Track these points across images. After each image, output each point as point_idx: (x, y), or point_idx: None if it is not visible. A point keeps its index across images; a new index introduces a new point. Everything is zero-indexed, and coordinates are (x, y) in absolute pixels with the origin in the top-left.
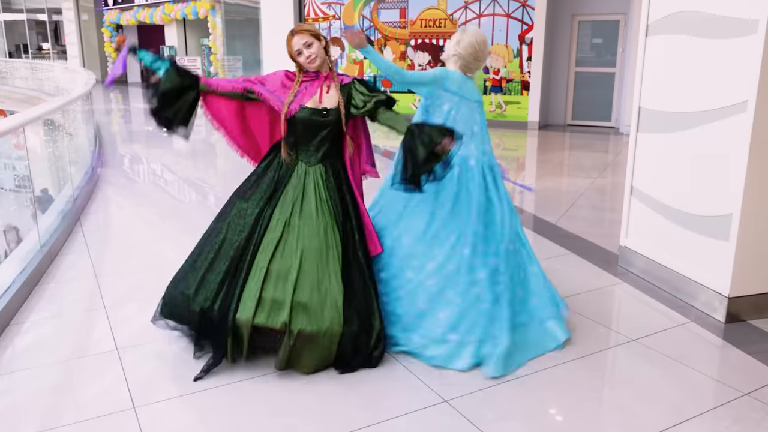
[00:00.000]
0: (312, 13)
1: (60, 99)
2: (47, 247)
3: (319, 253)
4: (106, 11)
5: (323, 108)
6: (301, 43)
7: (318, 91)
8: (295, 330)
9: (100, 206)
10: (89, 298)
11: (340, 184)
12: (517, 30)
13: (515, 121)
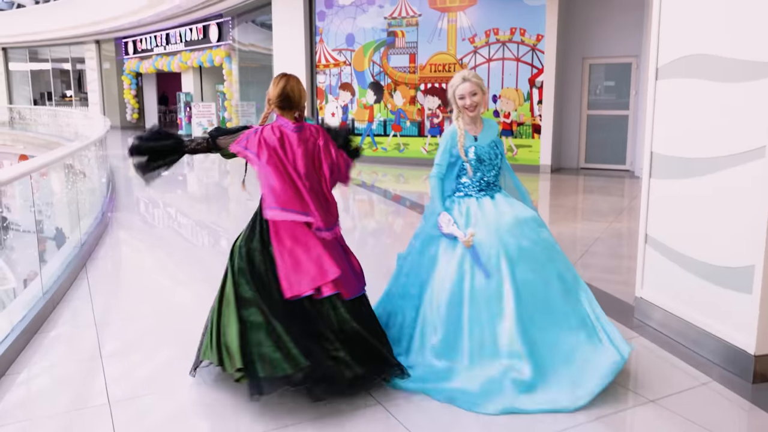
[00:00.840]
0: (323, 59)
1: (65, 148)
2: (50, 294)
3: None
4: (126, 60)
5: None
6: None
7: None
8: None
9: (108, 251)
10: (89, 347)
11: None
12: (527, 74)
13: (527, 164)
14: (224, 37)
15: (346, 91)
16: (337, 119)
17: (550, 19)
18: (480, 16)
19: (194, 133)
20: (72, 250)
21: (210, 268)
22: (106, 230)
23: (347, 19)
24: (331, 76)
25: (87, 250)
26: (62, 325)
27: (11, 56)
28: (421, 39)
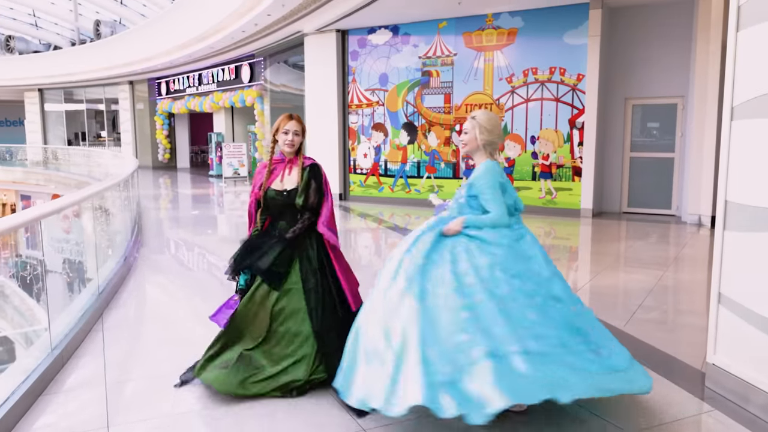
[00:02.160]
0: (356, 99)
1: (74, 195)
2: (59, 350)
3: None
4: (159, 100)
5: (284, 189)
6: (293, 129)
7: (281, 174)
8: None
9: (129, 297)
10: (96, 413)
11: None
12: (567, 114)
13: (566, 208)
14: (256, 77)
15: (379, 131)
16: (369, 160)
17: (591, 58)
18: (518, 56)
19: (224, 174)
20: (89, 298)
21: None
22: (129, 274)
23: (381, 58)
24: (364, 116)
25: (105, 297)
26: (70, 387)
27: (47, 97)
28: (456, 78)
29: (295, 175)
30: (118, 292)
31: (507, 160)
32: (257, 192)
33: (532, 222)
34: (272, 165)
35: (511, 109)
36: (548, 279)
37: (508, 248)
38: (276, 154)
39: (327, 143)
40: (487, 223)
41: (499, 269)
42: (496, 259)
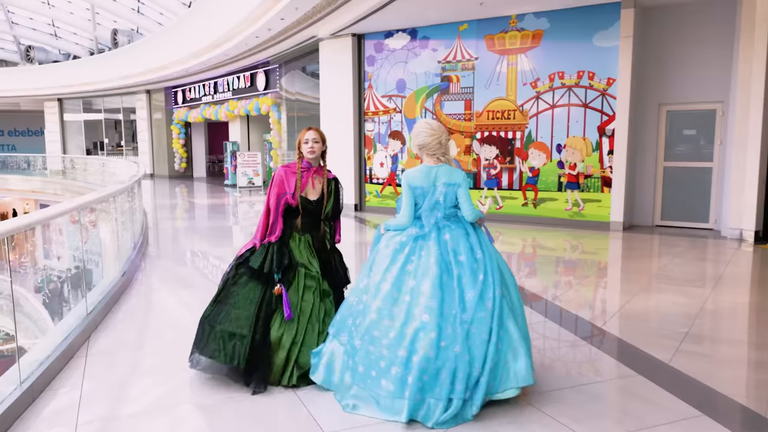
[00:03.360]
0: (372, 106)
1: (52, 209)
2: (29, 383)
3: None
4: (176, 109)
5: (312, 199)
6: (312, 137)
7: (310, 183)
8: None
9: (123, 320)
10: None
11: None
12: (596, 121)
13: (595, 221)
14: (271, 85)
15: (396, 139)
16: (386, 170)
17: (623, 62)
18: (543, 59)
19: (239, 183)
20: (74, 321)
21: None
22: (128, 290)
23: (398, 63)
24: (380, 123)
25: (95, 319)
26: (36, 427)
27: (66, 107)
28: (477, 84)
29: (318, 187)
30: (111, 312)
31: (531, 170)
32: (289, 198)
33: (558, 235)
34: (300, 173)
35: (535, 116)
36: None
37: (377, 252)
38: (302, 163)
39: (342, 152)
40: (391, 227)
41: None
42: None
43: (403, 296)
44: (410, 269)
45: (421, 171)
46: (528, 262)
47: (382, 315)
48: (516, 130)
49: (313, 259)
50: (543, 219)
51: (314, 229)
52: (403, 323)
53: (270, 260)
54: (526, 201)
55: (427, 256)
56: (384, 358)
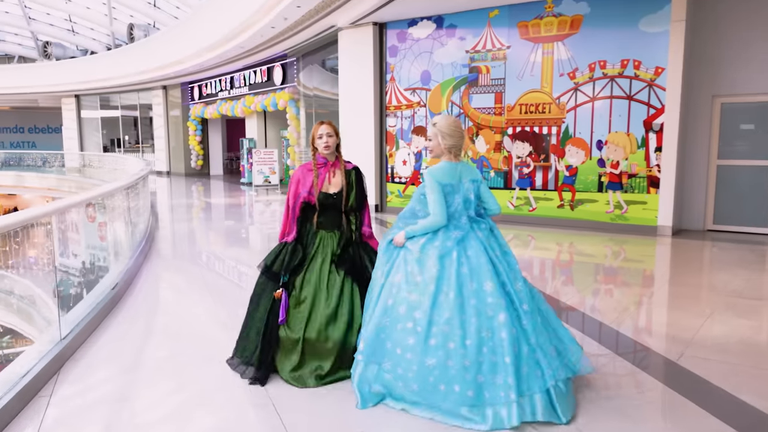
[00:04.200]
0: (394, 100)
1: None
2: None
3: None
4: (192, 105)
5: (332, 193)
6: (325, 132)
7: (327, 177)
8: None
9: (104, 345)
10: None
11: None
12: (642, 115)
13: (639, 224)
14: (289, 79)
15: (420, 135)
16: (409, 168)
17: (673, 49)
18: (583, 47)
19: (254, 181)
20: (44, 347)
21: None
22: (118, 306)
23: (423, 54)
24: (403, 118)
25: (70, 346)
26: None
27: (83, 103)
28: (509, 75)
29: (338, 179)
30: (93, 335)
31: (568, 168)
32: (306, 196)
33: (598, 240)
34: (317, 170)
35: (573, 110)
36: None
37: (416, 261)
38: (317, 159)
39: (362, 149)
40: (419, 231)
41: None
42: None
43: (468, 300)
44: (465, 272)
45: (448, 168)
46: (564, 269)
47: (453, 325)
48: (552, 125)
49: (337, 254)
50: (581, 222)
51: (339, 224)
52: (478, 328)
53: (281, 260)
54: (562, 202)
55: (477, 256)
56: (468, 369)
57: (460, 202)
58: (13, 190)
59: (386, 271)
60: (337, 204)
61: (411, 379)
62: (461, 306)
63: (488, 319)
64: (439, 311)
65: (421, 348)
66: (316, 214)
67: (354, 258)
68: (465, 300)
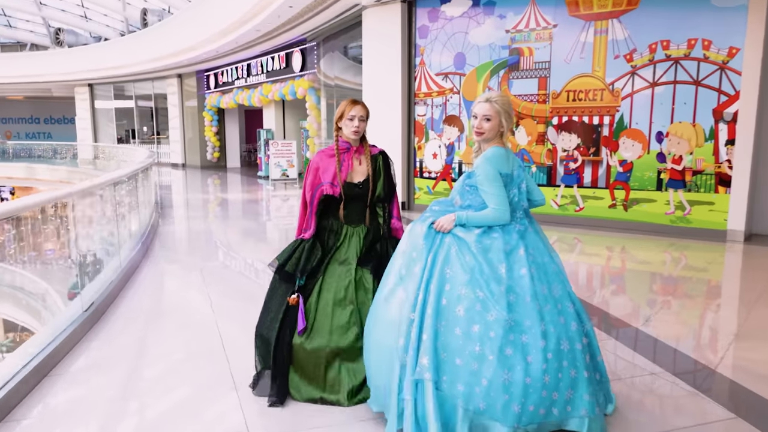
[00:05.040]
0: (424, 86)
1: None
2: None
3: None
4: (208, 95)
5: (357, 182)
6: (359, 114)
7: (351, 165)
8: None
9: (85, 369)
10: None
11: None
12: (711, 102)
13: (705, 228)
14: (308, 66)
15: (453, 125)
16: (439, 162)
17: (752, 27)
18: (642, 25)
19: (271, 175)
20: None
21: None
22: (105, 315)
23: (457, 34)
24: (434, 107)
25: (40, 369)
26: None
27: (97, 93)
28: (555, 58)
29: (363, 166)
30: (73, 352)
31: (622, 164)
32: (329, 188)
33: (654, 245)
34: (340, 155)
35: (629, 97)
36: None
37: (480, 253)
38: (339, 143)
39: (387, 140)
40: (476, 221)
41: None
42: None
43: (544, 306)
44: (534, 273)
45: (505, 155)
46: (614, 277)
47: (534, 335)
48: (604, 114)
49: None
50: (636, 224)
51: (365, 216)
52: (558, 339)
53: (296, 259)
54: (614, 202)
55: (540, 255)
56: (547, 387)
57: (516, 194)
58: (24, 183)
59: (431, 262)
60: (363, 195)
61: (478, 396)
62: (539, 313)
63: (564, 328)
64: (517, 317)
65: (494, 357)
66: (342, 206)
67: (381, 256)
68: (542, 305)
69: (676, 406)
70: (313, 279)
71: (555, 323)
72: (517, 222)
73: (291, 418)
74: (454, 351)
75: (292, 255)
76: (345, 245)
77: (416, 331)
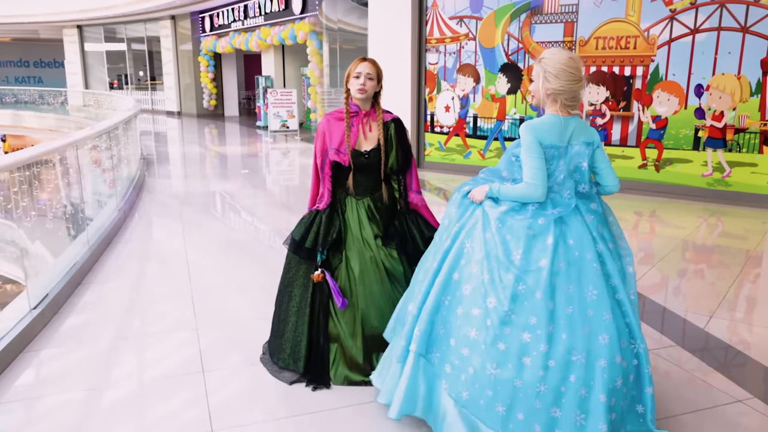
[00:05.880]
0: (436, 31)
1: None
2: None
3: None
4: (203, 38)
5: (364, 151)
6: (365, 71)
7: (361, 131)
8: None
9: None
10: None
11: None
12: (759, 52)
13: (746, 192)
14: (309, 7)
15: (468, 75)
16: (452, 115)
17: None
18: None
19: (271, 126)
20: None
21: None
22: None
23: None
24: (447, 54)
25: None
26: None
27: (87, 35)
28: (584, 0)
29: (374, 134)
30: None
31: (655, 120)
32: (335, 155)
33: (688, 209)
34: (349, 120)
35: (667, 45)
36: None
37: (498, 243)
38: (350, 106)
39: (396, 92)
40: (507, 195)
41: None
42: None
43: (563, 308)
44: (562, 267)
45: (555, 124)
46: (643, 244)
47: (537, 336)
48: (637, 64)
49: (376, 228)
50: (669, 187)
51: (376, 188)
52: (569, 347)
53: (315, 234)
54: (645, 162)
55: (581, 248)
56: (542, 397)
57: (564, 171)
58: (10, 131)
59: (455, 233)
60: (372, 164)
61: (462, 384)
62: (551, 313)
63: (585, 339)
64: (521, 311)
65: (486, 347)
66: (351, 175)
67: (404, 233)
68: (558, 306)
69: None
70: (337, 253)
71: (571, 329)
72: (557, 205)
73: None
74: (451, 330)
75: (310, 228)
76: (353, 220)
77: (420, 299)
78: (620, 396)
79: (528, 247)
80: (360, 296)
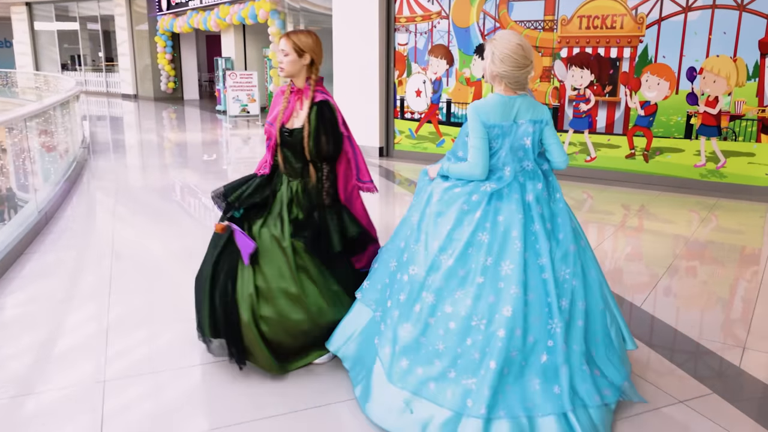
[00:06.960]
0: (406, 10)
1: None
2: None
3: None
4: (160, 17)
5: (288, 129)
6: (279, 47)
7: (295, 107)
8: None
9: None
10: None
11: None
12: (757, 32)
13: (742, 184)
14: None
15: (440, 57)
16: (424, 100)
17: None
18: None
19: (230, 111)
20: None
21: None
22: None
23: None
24: (418, 34)
25: None
26: None
27: (36, 13)
28: None
29: (305, 111)
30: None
31: (644, 106)
32: (267, 128)
33: (680, 202)
34: (288, 95)
35: (656, 24)
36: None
37: (432, 214)
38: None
39: (361, 75)
40: (453, 174)
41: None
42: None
43: (473, 277)
44: (483, 239)
45: (499, 104)
46: (631, 239)
47: (443, 299)
48: (624, 45)
49: (299, 212)
50: (658, 178)
51: (305, 171)
52: (470, 313)
53: (240, 192)
54: (633, 151)
55: (509, 226)
56: (441, 356)
57: (507, 150)
58: None
59: (411, 205)
60: (296, 144)
61: (386, 341)
62: (461, 280)
63: (488, 307)
64: (433, 276)
65: (405, 310)
66: (279, 152)
67: (319, 228)
68: (469, 275)
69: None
70: (256, 218)
71: (477, 297)
72: (495, 181)
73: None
74: (391, 293)
75: (239, 187)
76: (278, 199)
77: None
78: (516, 366)
79: (458, 220)
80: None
